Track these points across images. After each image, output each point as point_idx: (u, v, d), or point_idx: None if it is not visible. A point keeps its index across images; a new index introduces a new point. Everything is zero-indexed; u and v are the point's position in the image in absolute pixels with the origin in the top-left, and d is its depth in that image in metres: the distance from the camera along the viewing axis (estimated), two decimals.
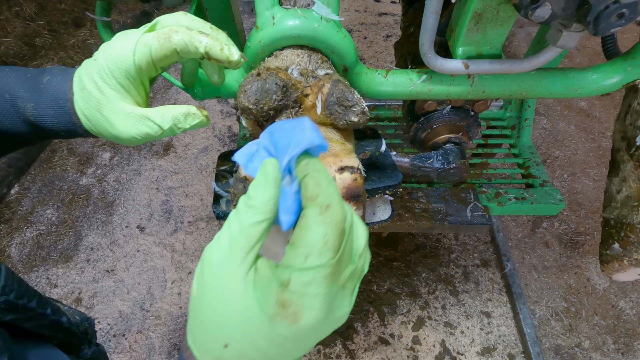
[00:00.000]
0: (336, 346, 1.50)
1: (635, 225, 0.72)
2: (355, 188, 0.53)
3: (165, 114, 0.47)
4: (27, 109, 0.48)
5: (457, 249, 1.76)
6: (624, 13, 0.50)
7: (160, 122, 0.47)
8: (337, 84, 0.57)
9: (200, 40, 0.46)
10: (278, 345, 0.30)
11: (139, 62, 0.45)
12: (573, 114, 2.23)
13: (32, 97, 0.48)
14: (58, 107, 0.48)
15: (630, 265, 0.73)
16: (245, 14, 2.75)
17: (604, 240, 0.80)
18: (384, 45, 2.60)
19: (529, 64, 0.65)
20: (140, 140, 0.48)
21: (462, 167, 0.82)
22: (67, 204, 1.89)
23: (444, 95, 0.71)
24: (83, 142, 2.11)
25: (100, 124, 0.47)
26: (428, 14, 0.58)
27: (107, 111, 0.47)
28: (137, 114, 0.47)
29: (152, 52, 0.45)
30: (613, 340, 1.53)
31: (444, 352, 1.49)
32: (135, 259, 1.73)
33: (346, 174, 0.53)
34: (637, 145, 0.72)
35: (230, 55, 0.47)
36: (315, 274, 0.29)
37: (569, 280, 1.67)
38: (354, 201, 0.53)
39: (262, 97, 0.53)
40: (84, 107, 0.47)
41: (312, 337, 0.31)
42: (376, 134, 0.73)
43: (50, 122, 0.48)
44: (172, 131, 0.48)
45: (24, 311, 0.41)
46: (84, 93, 0.47)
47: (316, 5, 0.57)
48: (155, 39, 0.45)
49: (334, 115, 0.56)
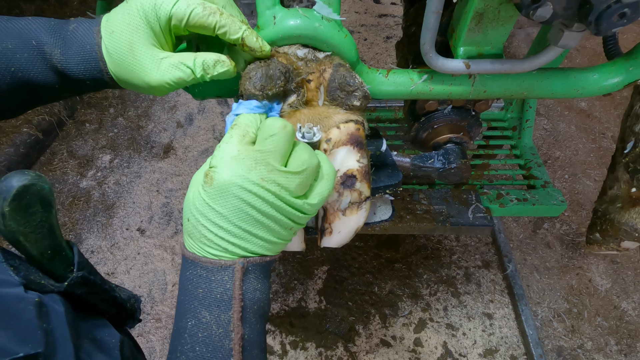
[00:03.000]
0: (338, 348, 1.50)
1: (615, 224, 0.81)
2: (358, 136, 0.58)
3: (197, 58, 0.49)
4: (55, 56, 0.48)
5: (459, 251, 1.75)
6: (625, 13, 0.50)
7: (193, 66, 0.48)
8: (339, 69, 0.57)
9: (241, 27, 0.49)
10: (209, 205, 0.42)
11: (175, 15, 0.47)
12: (573, 115, 2.23)
13: (59, 44, 0.48)
14: (85, 53, 0.48)
15: (607, 250, 0.88)
16: (245, 15, 2.75)
17: (590, 226, 0.91)
18: (385, 46, 2.60)
19: (530, 64, 0.65)
20: (170, 87, 0.49)
21: (463, 167, 0.81)
22: (67, 207, 1.89)
23: (445, 95, 0.71)
24: (83, 145, 2.11)
25: (131, 69, 0.48)
26: (429, 13, 0.58)
27: (140, 53, 0.47)
28: (172, 59, 0.48)
29: (192, 15, 0.47)
30: (616, 342, 1.53)
31: (446, 354, 1.49)
32: (135, 262, 1.72)
33: (351, 124, 0.58)
34: (626, 151, 0.74)
35: (264, 46, 0.53)
36: (222, 153, 0.43)
37: (570, 281, 1.67)
38: (358, 147, 0.57)
39: (267, 83, 0.54)
40: (113, 50, 0.47)
41: (228, 194, 0.42)
42: (377, 134, 0.73)
43: (77, 69, 0.48)
44: (202, 77, 0.49)
45: (92, 286, 0.45)
46: (113, 36, 0.47)
47: (317, 4, 0.57)
48: (201, 6, 0.47)
49: (337, 100, 0.58)
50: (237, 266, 0.43)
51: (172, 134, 2.17)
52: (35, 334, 0.34)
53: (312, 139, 0.55)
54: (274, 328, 1.54)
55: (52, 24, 0.49)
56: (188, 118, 2.25)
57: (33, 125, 2.04)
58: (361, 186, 0.58)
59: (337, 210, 0.59)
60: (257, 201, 0.42)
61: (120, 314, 0.52)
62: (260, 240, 0.44)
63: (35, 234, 0.38)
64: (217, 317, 0.42)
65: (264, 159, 0.43)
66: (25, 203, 0.36)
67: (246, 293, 0.43)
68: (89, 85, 0.51)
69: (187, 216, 0.44)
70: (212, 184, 0.42)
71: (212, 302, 0.43)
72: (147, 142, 2.14)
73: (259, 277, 0.45)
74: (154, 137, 2.16)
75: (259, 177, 0.42)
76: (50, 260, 0.40)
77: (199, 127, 2.21)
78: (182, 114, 2.26)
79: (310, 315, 1.58)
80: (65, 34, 0.48)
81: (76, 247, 0.44)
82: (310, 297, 1.62)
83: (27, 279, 0.38)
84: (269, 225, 0.44)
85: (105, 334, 0.44)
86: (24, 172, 0.37)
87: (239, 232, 0.43)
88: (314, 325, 1.55)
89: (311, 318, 1.57)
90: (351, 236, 0.62)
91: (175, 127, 2.20)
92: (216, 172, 0.42)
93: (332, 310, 1.59)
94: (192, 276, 0.44)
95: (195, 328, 0.42)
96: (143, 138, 2.16)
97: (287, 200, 0.43)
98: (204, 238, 0.43)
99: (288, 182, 0.43)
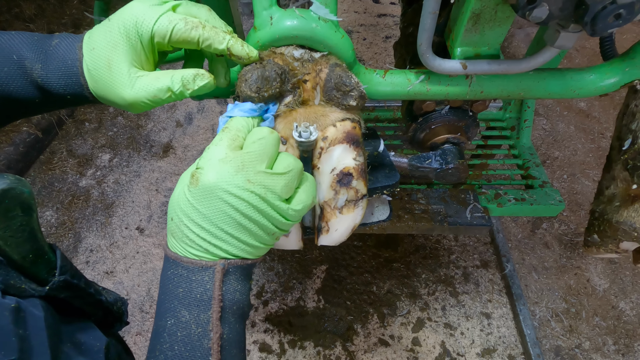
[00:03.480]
0: (336, 347, 1.50)
1: (613, 223, 0.79)
2: (354, 134, 0.58)
3: (175, 75, 0.49)
4: (35, 71, 0.48)
5: (457, 250, 1.75)
6: (621, 14, 0.50)
7: (170, 83, 0.48)
8: (335, 68, 0.57)
9: (225, 37, 0.49)
10: (193, 205, 0.43)
11: (157, 32, 0.47)
12: (572, 115, 2.23)
13: (40, 59, 0.48)
14: (66, 68, 0.48)
15: (606, 252, 0.86)
16: (244, 15, 2.75)
17: (588, 228, 0.90)
18: (383, 46, 2.60)
19: (527, 65, 0.65)
20: (147, 105, 0.49)
21: (461, 168, 0.82)
22: (67, 206, 1.89)
23: (442, 95, 0.71)
24: (82, 144, 2.12)
25: (108, 85, 0.48)
26: (426, 14, 0.58)
27: (117, 70, 0.47)
28: (148, 77, 0.48)
29: (174, 31, 0.47)
30: (613, 341, 1.53)
31: (444, 353, 1.49)
32: (134, 261, 1.73)
33: (347, 122, 0.58)
34: (624, 149, 0.73)
35: (250, 52, 0.53)
36: (210, 155, 0.44)
37: (569, 281, 1.67)
38: (354, 145, 0.57)
39: (262, 85, 0.54)
40: (92, 66, 0.48)
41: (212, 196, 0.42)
42: (374, 134, 0.73)
43: (58, 84, 0.49)
44: (181, 94, 0.50)
45: (76, 290, 0.45)
46: (93, 53, 0.47)
47: (314, 5, 0.57)
48: (183, 21, 0.48)
49: (333, 100, 0.58)
50: (217, 267, 0.43)
51: (171, 133, 2.17)
52: (10, 340, 0.34)
53: (309, 137, 0.55)
54: (272, 327, 1.55)
55: (34, 39, 0.49)
56: (187, 117, 2.25)
57: (32, 124, 2.04)
58: (357, 184, 0.58)
59: (334, 209, 0.59)
60: (242, 204, 0.42)
61: (107, 317, 0.52)
62: (242, 244, 0.44)
63: (15, 238, 0.38)
64: (196, 317, 0.42)
65: (251, 162, 0.43)
66: (4, 207, 0.36)
67: (226, 294, 0.44)
68: (70, 100, 0.51)
69: (171, 215, 0.45)
70: (198, 185, 0.42)
71: (191, 302, 0.43)
72: (147, 141, 2.14)
73: (239, 279, 0.45)
74: (154, 136, 2.16)
75: (245, 179, 0.42)
76: (32, 264, 0.40)
77: (199, 126, 2.21)
78: (182, 114, 2.26)
79: (308, 314, 1.58)
80: (47, 49, 0.49)
81: (59, 251, 0.44)
82: (308, 297, 1.62)
83: (6, 284, 0.37)
84: (252, 229, 0.44)
85: (89, 338, 0.44)
86: (3, 175, 0.37)
87: (222, 234, 0.43)
88: (313, 325, 1.55)
89: (309, 317, 1.57)
90: (348, 234, 0.62)
91: (175, 127, 2.21)
92: (202, 173, 0.43)
93: (330, 309, 1.59)
94: (173, 275, 0.44)
95: (174, 327, 0.42)
96: (142, 137, 2.16)
97: (272, 204, 0.44)
98: (186, 238, 0.44)
99: (274, 184, 0.43)
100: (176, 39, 0.48)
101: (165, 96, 0.49)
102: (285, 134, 0.57)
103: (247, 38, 0.61)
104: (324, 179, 0.59)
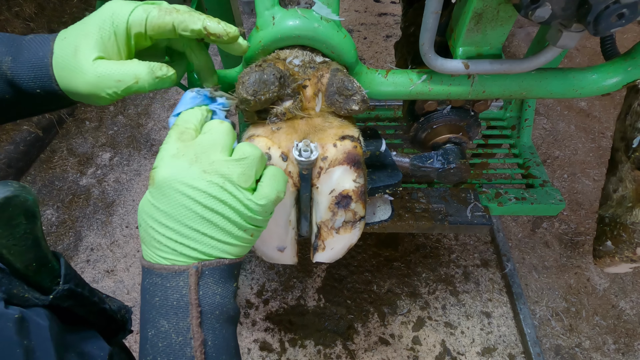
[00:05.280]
0: (336, 346, 1.50)
1: (628, 225, 0.75)
2: (355, 154, 0.56)
3: (141, 62, 0.48)
4: (4, 63, 0.47)
5: (457, 249, 1.76)
6: (624, 13, 0.50)
7: (136, 69, 0.47)
8: (337, 73, 0.57)
9: (200, 17, 0.48)
10: (154, 205, 0.42)
11: (132, 22, 0.47)
12: (573, 114, 2.23)
13: (11, 52, 0.47)
14: (37, 60, 0.47)
15: (621, 261, 0.78)
16: (245, 14, 2.75)
17: (598, 237, 0.83)
18: (384, 45, 2.60)
19: (529, 64, 0.65)
20: (111, 94, 0.47)
21: (462, 167, 0.82)
22: (67, 205, 1.89)
23: (444, 95, 0.71)
24: (83, 143, 2.11)
25: (72, 70, 0.46)
26: (428, 14, 0.58)
27: (82, 56, 0.46)
28: (112, 64, 0.46)
29: (149, 18, 0.47)
30: (613, 340, 1.53)
31: (444, 352, 1.49)
32: (135, 260, 1.73)
33: (347, 142, 0.56)
34: (634, 147, 0.72)
35: (228, 28, 0.50)
36: (162, 153, 0.43)
37: (569, 280, 1.67)
38: (355, 167, 0.56)
39: (260, 88, 0.53)
40: (60, 53, 0.46)
41: (170, 191, 0.42)
42: (376, 134, 0.73)
43: (27, 76, 0.47)
44: (141, 86, 0.48)
45: (80, 298, 0.44)
46: (64, 42, 0.47)
47: (316, 5, 0.57)
48: (157, 8, 0.47)
49: (335, 105, 0.57)
50: (191, 270, 0.41)
51: None
52: (15, 352, 0.33)
53: (309, 157, 0.53)
54: (272, 326, 1.55)
55: (9, 36, 0.49)
56: None
57: (33, 123, 2.04)
58: (356, 206, 0.57)
59: (331, 229, 0.59)
60: (201, 195, 0.41)
61: (110, 325, 0.51)
62: (213, 240, 0.42)
63: (19, 247, 0.37)
64: (175, 325, 0.41)
65: (204, 152, 0.42)
66: (8, 215, 0.36)
67: (204, 298, 0.42)
68: (41, 96, 0.49)
69: (139, 222, 0.44)
70: (155, 184, 0.42)
71: (169, 310, 0.41)
72: (147, 140, 2.14)
73: (218, 281, 0.43)
74: (154, 135, 2.16)
75: (201, 170, 0.41)
76: (36, 272, 0.40)
77: None
78: None
79: (309, 313, 1.58)
80: (21, 42, 0.48)
81: (63, 259, 0.43)
82: (309, 296, 1.62)
83: (9, 293, 0.37)
84: (218, 222, 0.42)
85: (93, 347, 0.44)
86: (7, 183, 0.36)
87: (188, 231, 0.41)
88: (313, 324, 1.55)
89: (310, 316, 1.57)
90: (344, 253, 0.61)
91: None
92: (157, 171, 0.42)
93: (331, 308, 1.59)
94: (148, 285, 0.43)
95: (155, 338, 0.41)
96: (143, 136, 2.16)
97: (232, 193, 0.42)
98: (154, 242, 0.42)
99: (230, 171, 0.42)
100: (152, 26, 0.47)
101: (131, 81, 0.47)
102: (285, 150, 0.56)
103: (249, 38, 0.61)
104: (323, 199, 0.58)
